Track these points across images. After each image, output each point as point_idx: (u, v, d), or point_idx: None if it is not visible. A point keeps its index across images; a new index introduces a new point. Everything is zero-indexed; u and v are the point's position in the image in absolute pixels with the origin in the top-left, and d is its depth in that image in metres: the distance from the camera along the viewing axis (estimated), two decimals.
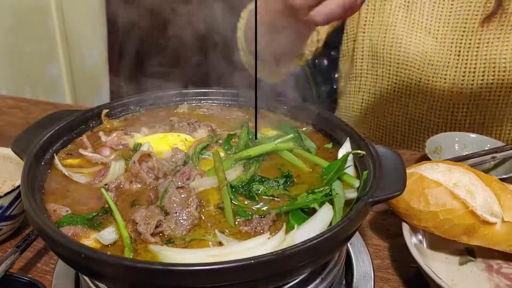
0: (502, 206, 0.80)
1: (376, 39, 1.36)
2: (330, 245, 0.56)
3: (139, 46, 2.13)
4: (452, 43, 1.28)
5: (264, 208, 0.66)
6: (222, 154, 0.79)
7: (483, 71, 1.26)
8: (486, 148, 1.11)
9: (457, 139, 1.16)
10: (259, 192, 0.69)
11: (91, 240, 0.60)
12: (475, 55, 1.25)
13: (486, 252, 0.86)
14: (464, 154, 1.09)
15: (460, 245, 0.87)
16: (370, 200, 0.60)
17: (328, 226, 0.61)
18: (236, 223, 0.63)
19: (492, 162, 1.09)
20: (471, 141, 1.15)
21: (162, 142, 0.81)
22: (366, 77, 1.44)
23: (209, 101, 0.96)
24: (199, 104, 0.96)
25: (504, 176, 1.01)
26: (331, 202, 0.66)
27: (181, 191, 0.66)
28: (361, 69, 1.44)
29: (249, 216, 0.64)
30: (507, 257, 0.85)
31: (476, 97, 1.30)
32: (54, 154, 0.75)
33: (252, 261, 0.50)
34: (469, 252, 0.87)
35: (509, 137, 1.34)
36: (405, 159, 1.08)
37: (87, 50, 2.73)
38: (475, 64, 1.26)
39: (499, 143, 1.12)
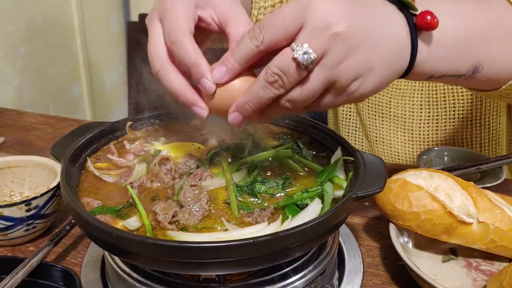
0: (478, 208, 0.89)
1: None
2: (318, 230, 0.66)
3: None
4: None
5: (265, 204, 0.78)
6: (229, 160, 0.90)
7: (444, 94, 1.37)
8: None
9: (446, 152, 1.26)
10: (261, 191, 0.80)
11: (118, 226, 0.71)
12: None
13: (467, 251, 0.95)
14: (451, 166, 1.19)
15: (443, 245, 0.96)
16: (353, 196, 0.71)
17: None
18: (239, 215, 0.75)
19: (478, 174, 1.19)
20: (460, 155, 1.25)
21: (178, 149, 0.93)
22: (350, 108, 1.56)
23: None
24: (210, 118, 1.08)
25: (488, 185, 1.11)
26: (323, 199, 0.77)
27: (194, 188, 0.77)
28: None
29: (251, 210, 0.75)
30: (486, 256, 0.94)
31: (443, 117, 1.40)
32: (87, 158, 0.87)
33: (252, 241, 0.61)
34: (452, 252, 0.97)
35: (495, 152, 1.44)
36: (397, 170, 1.19)
37: (107, 71, 2.90)
38: (436, 88, 1.37)
39: (485, 157, 1.23)
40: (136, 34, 2.34)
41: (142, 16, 2.32)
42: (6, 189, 1.10)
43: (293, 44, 0.64)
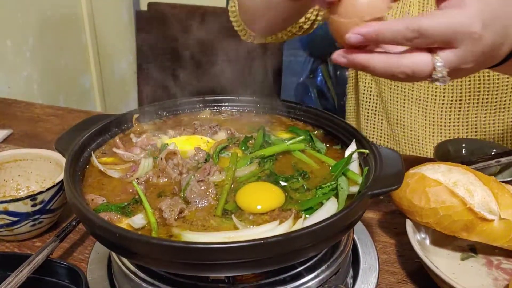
0: (500, 204, 0.85)
1: None
2: (331, 230, 0.63)
3: (166, 57, 2.24)
4: None
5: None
6: (239, 154, 0.87)
7: (469, 77, 1.32)
8: (492, 153, 1.16)
9: (464, 144, 1.21)
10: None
11: (123, 224, 0.69)
12: None
13: (487, 249, 0.91)
14: (470, 159, 1.14)
15: (462, 242, 0.93)
16: (369, 193, 0.67)
17: None
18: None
19: (498, 167, 1.14)
20: (478, 147, 1.20)
21: (186, 143, 0.90)
22: (365, 86, 1.51)
23: (229, 107, 1.05)
24: (219, 110, 1.05)
25: (508, 179, 1.06)
26: (337, 197, 0.74)
27: (201, 184, 0.74)
28: (360, 80, 1.52)
29: None
30: (507, 254, 0.90)
31: (466, 101, 1.36)
32: (92, 153, 0.84)
33: (263, 241, 0.58)
34: (471, 249, 0.93)
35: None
36: (413, 163, 1.15)
37: (117, 61, 2.88)
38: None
39: (505, 149, 1.18)
40: (146, 24, 2.31)
41: (151, 5, 2.29)
42: (12, 183, 1.08)
43: (438, 64, 0.67)
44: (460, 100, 1.37)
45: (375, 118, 1.54)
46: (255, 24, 1.25)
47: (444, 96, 1.38)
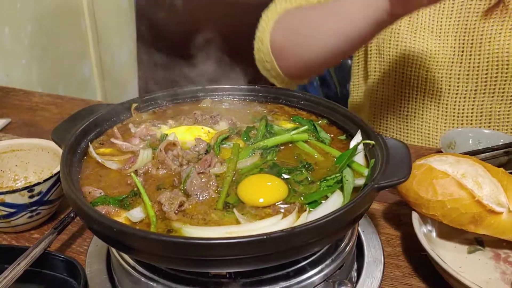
0: (509, 197, 0.83)
1: (381, 40, 1.41)
2: (336, 225, 0.61)
3: (167, 45, 2.21)
4: (455, 40, 1.31)
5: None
6: (241, 144, 0.84)
7: (487, 66, 1.28)
8: (500, 143, 1.14)
9: (471, 134, 1.19)
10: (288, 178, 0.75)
11: (121, 218, 0.67)
12: (478, 51, 1.28)
13: (494, 242, 0.89)
14: (477, 149, 1.12)
15: (469, 235, 0.90)
16: (376, 186, 0.65)
17: None
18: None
19: (505, 157, 1.12)
20: (485, 137, 1.18)
21: (186, 133, 0.87)
22: (374, 75, 1.48)
23: (230, 97, 1.02)
24: (221, 99, 1.02)
25: None
26: (342, 189, 0.71)
27: (202, 176, 0.72)
28: (369, 69, 1.49)
29: None
30: None
31: (482, 91, 1.33)
32: (89, 143, 0.82)
33: (265, 237, 0.56)
34: (478, 242, 0.91)
35: None
36: (420, 154, 1.12)
37: (117, 49, 2.84)
38: (479, 60, 1.29)
39: None
40: (146, 10, 2.27)
41: None
42: (10, 173, 1.06)
43: None
44: (476, 90, 1.34)
45: (381, 108, 1.51)
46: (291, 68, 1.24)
47: (458, 86, 1.35)
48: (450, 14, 1.31)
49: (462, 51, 1.31)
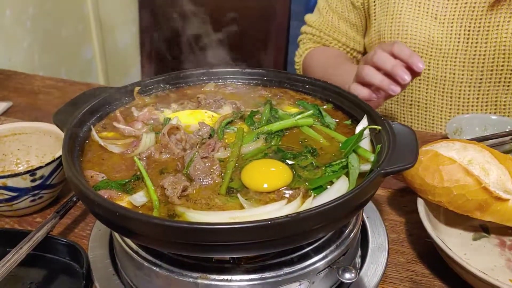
0: None
1: (383, 27, 1.38)
2: (341, 211, 0.60)
3: (170, 28, 2.18)
4: (460, 28, 1.29)
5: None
6: (245, 129, 0.83)
7: (493, 55, 1.26)
8: (507, 130, 1.12)
9: (477, 120, 1.17)
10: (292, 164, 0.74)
11: (124, 202, 0.66)
12: (485, 39, 1.26)
13: (500, 229, 0.88)
14: (484, 135, 1.11)
15: (475, 222, 0.90)
16: (382, 171, 0.64)
17: None
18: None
19: None
20: (492, 123, 1.16)
21: (190, 117, 0.86)
22: None
23: (234, 80, 1.01)
24: (225, 83, 1.01)
25: None
26: (348, 175, 0.70)
27: (206, 160, 0.71)
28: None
29: None
30: None
31: (487, 80, 1.31)
32: (92, 127, 0.81)
33: (270, 222, 0.55)
34: (483, 229, 0.90)
35: None
36: (426, 140, 1.11)
37: (119, 33, 2.81)
38: (485, 48, 1.27)
39: None
40: None
41: None
42: (12, 157, 1.06)
43: None
44: (481, 79, 1.32)
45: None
46: None
47: (463, 75, 1.33)
48: (456, 0, 1.29)
49: (467, 40, 1.29)
